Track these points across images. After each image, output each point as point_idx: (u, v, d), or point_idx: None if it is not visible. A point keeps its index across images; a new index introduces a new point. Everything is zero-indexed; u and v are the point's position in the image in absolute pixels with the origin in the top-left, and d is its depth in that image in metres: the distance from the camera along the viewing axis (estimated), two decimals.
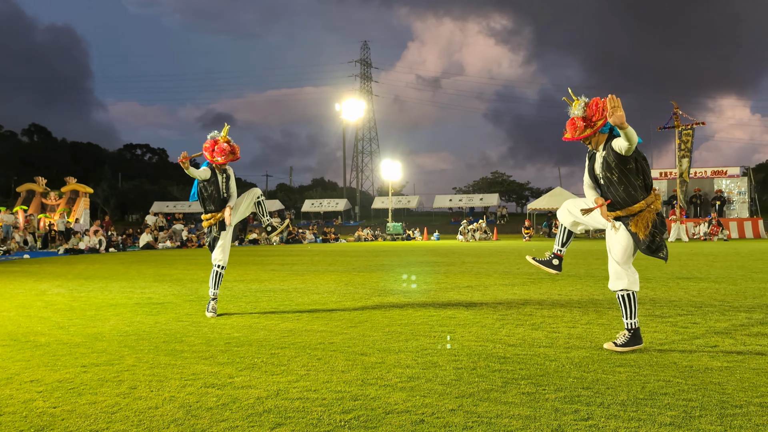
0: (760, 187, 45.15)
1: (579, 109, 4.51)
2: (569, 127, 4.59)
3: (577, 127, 4.52)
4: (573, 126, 4.55)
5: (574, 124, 4.53)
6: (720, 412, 3.04)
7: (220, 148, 6.45)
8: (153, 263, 15.88)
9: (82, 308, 7.20)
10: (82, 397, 3.46)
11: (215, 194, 6.62)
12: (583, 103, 4.52)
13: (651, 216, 4.47)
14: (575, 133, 4.54)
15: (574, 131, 4.54)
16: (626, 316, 4.56)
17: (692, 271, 10.86)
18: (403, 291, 8.48)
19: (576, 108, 4.53)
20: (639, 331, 4.53)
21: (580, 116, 4.50)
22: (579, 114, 4.51)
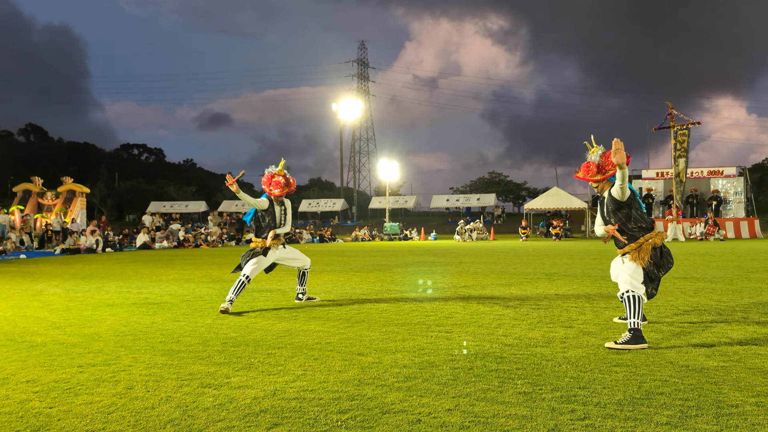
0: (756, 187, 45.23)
1: (596, 156, 5.21)
2: (583, 169, 5.27)
3: (590, 171, 5.23)
4: (587, 169, 5.25)
5: (588, 168, 5.24)
6: (716, 411, 3.05)
7: (276, 181, 7.04)
8: (150, 263, 15.85)
9: (78, 308, 7.19)
10: (79, 398, 3.46)
11: (272, 224, 7.10)
12: (601, 152, 5.20)
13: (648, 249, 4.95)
14: (587, 175, 5.24)
15: (587, 173, 5.24)
16: (629, 315, 4.73)
17: (689, 271, 10.88)
18: (400, 291, 8.48)
19: (593, 154, 5.22)
20: (641, 332, 4.63)
21: (596, 162, 5.18)
22: (595, 160, 5.19)
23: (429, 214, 66.19)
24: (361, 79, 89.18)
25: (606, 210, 5.12)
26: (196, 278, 10.97)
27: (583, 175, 5.22)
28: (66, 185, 30.95)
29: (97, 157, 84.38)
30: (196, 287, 9.38)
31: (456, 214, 59.52)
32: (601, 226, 5.23)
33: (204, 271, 12.80)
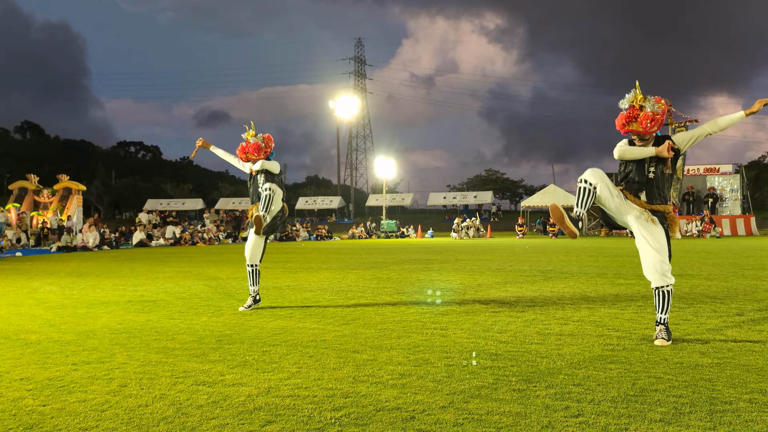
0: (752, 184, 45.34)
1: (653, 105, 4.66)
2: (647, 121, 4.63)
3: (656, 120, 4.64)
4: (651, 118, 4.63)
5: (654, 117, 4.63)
6: (710, 408, 3.05)
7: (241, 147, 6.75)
8: (146, 261, 15.83)
9: (73, 306, 7.17)
10: (72, 395, 3.45)
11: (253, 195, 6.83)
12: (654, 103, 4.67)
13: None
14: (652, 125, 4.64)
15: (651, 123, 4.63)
16: (665, 310, 4.75)
17: (684, 268, 10.89)
18: (396, 289, 8.48)
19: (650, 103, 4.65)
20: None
21: (657, 111, 4.64)
22: (657, 109, 4.64)
23: (426, 211, 66.24)
24: (358, 77, 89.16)
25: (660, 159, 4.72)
26: (192, 276, 10.95)
27: (645, 128, 4.63)
28: (62, 183, 30.90)
29: (93, 154, 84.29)
30: (192, 285, 9.37)
31: (453, 212, 59.59)
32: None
33: (200, 268, 12.79)
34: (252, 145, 6.58)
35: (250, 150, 6.59)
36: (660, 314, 4.74)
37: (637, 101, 4.67)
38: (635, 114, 4.65)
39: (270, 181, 6.61)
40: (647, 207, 4.74)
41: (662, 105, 4.66)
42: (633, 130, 4.68)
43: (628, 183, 4.84)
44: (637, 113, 4.64)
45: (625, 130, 4.73)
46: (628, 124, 4.69)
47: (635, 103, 4.68)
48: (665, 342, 4.57)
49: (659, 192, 4.76)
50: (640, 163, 4.80)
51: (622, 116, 4.72)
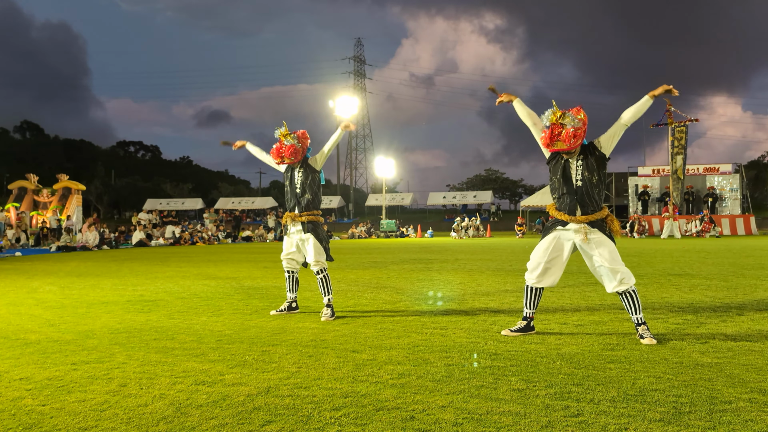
0: (751, 183, 45.36)
1: (573, 120, 4.73)
2: (567, 138, 4.72)
3: (577, 136, 4.72)
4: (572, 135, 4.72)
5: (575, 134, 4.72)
6: (709, 408, 3.05)
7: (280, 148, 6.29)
8: (145, 261, 15.83)
9: (73, 306, 7.17)
10: (72, 395, 3.45)
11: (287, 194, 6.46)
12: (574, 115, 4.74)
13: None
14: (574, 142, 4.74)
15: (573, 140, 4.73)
16: (639, 310, 4.77)
17: (684, 267, 10.89)
18: (395, 289, 8.48)
19: (569, 118, 4.73)
20: None
21: (575, 126, 4.72)
22: (576, 124, 4.72)
23: (426, 211, 66.30)
24: (358, 76, 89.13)
25: (586, 167, 4.81)
26: (191, 275, 10.95)
27: (569, 145, 4.71)
28: (62, 182, 30.89)
29: (93, 154, 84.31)
30: (192, 284, 9.36)
31: (452, 212, 59.61)
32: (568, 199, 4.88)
33: (199, 268, 12.78)
34: (288, 148, 6.17)
35: (286, 153, 6.18)
36: (636, 315, 4.76)
37: (556, 119, 4.76)
38: (558, 132, 4.75)
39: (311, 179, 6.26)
40: (584, 220, 4.81)
41: (581, 116, 4.74)
42: (559, 149, 4.80)
43: (560, 199, 4.95)
44: (559, 131, 4.74)
45: (552, 149, 4.84)
46: (553, 143, 4.79)
47: (555, 121, 4.77)
48: (653, 341, 4.58)
49: (590, 199, 4.83)
50: (565, 173, 4.90)
51: (546, 136, 4.82)
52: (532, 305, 5.04)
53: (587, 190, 4.81)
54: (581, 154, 4.85)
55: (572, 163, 4.87)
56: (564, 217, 4.88)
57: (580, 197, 4.83)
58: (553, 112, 4.77)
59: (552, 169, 5.00)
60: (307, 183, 6.28)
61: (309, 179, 6.28)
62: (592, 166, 4.81)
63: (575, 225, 4.84)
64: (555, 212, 4.99)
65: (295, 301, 6.53)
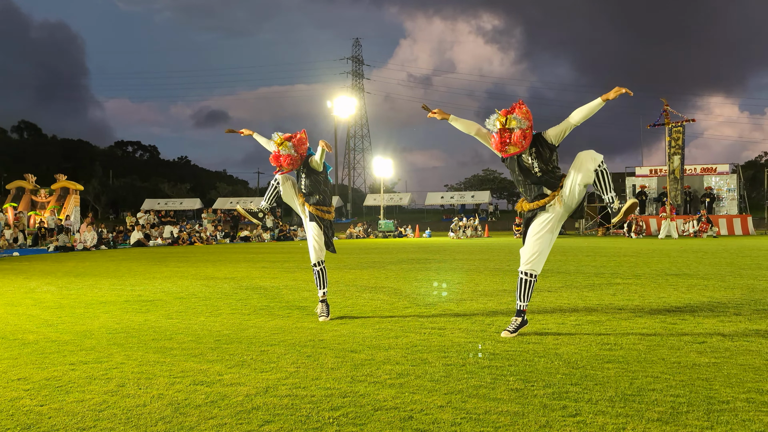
0: (749, 184, 45.41)
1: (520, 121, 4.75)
2: (517, 142, 4.77)
3: (525, 137, 4.79)
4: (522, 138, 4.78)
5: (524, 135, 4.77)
6: (707, 407, 3.06)
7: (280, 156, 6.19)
8: (144, 261, 15.81)
9: (71, 306, 7.16)
10: (70, 395, 3.45)
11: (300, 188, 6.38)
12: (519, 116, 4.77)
13: None
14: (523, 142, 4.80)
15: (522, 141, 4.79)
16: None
17: (681, 267, 10.91)
18: (394, 289, 8.48)
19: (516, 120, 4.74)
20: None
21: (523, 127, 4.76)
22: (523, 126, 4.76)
23: (424, 211, 66.34)
24: (356, 77, 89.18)
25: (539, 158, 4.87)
26: (189, 276, 10.94)
27: (522, 146, 4.78)
28: (60, 182, 30.84)
29: (91, 154, 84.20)
30: (190, 285, 9.36)
31: (451, 211, 59.66)
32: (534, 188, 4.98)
33: (198, 268, 12.78)
34: (285, 158, 6.09)
35: (284, 164, 6.11)
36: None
37: (502, 125, 4.76)
38: (507, 137, 4.77)
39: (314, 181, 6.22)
40: (557, 193, 4.90)
41: (525, 112, 4.75)
42: (512, 153, 4.84)
43: (526, 190, 5.03)
44: (508, 136, 4.76)
45: (506, 155, 4.89)
46: (505, 149, 4.82)
47: (502, 126, 4.77)
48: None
49: (554, 179, 4.91)
50: (522, 167, 4.98)
51: (496, 141, 4.85)
52: (525, 297, 5.06)
53: (548, 175, 4.92)
54: (532, 146, 4.90)
55: (525, 158, 4.94)
56: (539, 203, 4.97)
57: (545, 182, 4.93)
58: (498, 117, 4.79)
59: (509, 166, 5.09)
60: (313, 185, 6.25)
61: (314, 180, 6.24)
62: (544, 155, 4.88)
63: (551, 201, 4.93)
64: (528, 205, 5.07)
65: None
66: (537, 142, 4.90)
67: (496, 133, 4.82)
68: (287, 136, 6.16)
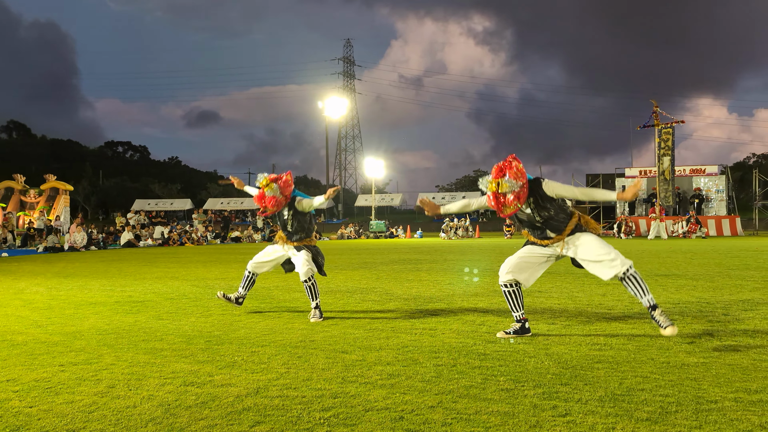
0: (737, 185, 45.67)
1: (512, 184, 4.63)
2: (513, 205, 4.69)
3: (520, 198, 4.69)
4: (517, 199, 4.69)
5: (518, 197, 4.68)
6: (696, 407, 3.08)
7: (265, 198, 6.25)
8: (134, 261, 15.75)
9: (60, 307, 7.13)
10: (59, 397, 3.43)
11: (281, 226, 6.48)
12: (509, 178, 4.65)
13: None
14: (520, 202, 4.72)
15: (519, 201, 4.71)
16: (646, 291, 4.64)
17: (671, 268, 10.98)
18: (385, 289, 8.49)
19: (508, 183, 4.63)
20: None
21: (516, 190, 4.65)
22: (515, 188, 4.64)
23: (415, 212, 66.29)
24: (347, 77, 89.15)
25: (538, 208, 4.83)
26: (180, 276, 10.91)
27: (517, 206, 4.72)
28: (49, 183, 30.69)
29: (80, 154, 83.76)
30: (180, 285, 9.33)
31: None
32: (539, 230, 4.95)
33: (188, 269, 12.74)
34: (269, 200, 6.11)
35: (269, 205, 6.13)
36: (645, 297, 4.65)
37: (495, 190, 4.67)
38: (503, 201, 4.69)
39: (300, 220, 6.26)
40: (561, 238, 4.88)
41: (516, 170, 4.65)
42: (510, 213, 4.76)
43: (531, 231, 5.01)
44: (503, 199, 4.68)
45: (504, 215, 4.80)
46: (502, 211, 4.75)
47: (494, 190, 4.68)
48: (674, 329, 4.50)
49: (557, 221, 4.85)
50: (525, 219, 4.94)
51: (493, 205, 4.77)
52: (517, 307, 5.02)
53: (550, 220, 4.85)
54: (530, 197, 4.79)
55: (524, 210, 4.87)
56: (543, 242, 4.97)
57: (548, 226, 4.89)
58: (490, 182, 4.70)
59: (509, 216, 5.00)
60: (298, 224, 6.27)
61: (299, 220, 6.27)
62: (543, 203, 4.79)
63: (555, 243, 4.93)
64: (532, 238, 5.06)
65: (244, 297, 6.60)
66: (535, 192, 4.77)
67: (491, 195, 4.74)
68: (273, 177, 6.18)
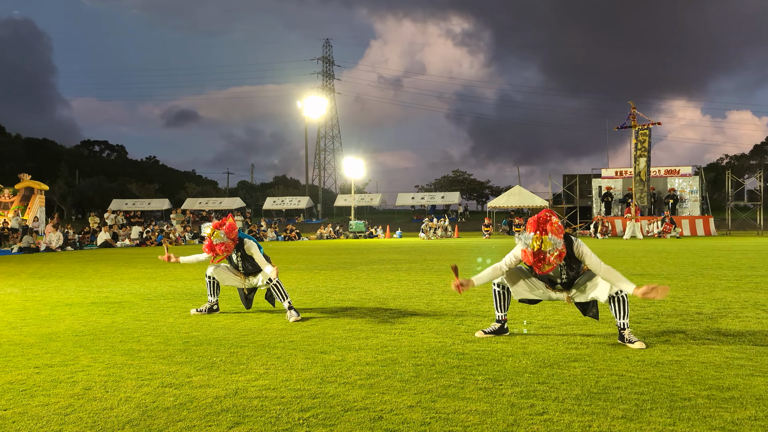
0: (710, 186, 46.41)
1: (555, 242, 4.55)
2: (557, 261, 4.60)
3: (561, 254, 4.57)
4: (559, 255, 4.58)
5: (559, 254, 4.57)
6: (670, 404, 3.13)
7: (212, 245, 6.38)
8: (111, 262, 15.58)
9: (36, 308, 7.03)
10: (35, 399, 3.39)
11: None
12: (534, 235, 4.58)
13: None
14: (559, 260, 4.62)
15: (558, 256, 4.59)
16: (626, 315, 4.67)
17: (646, 267, 11.12)
18: (364, 289, 8.49)
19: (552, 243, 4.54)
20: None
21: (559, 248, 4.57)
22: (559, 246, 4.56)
23: (394, 212, 66.47)
24: (326, 77, 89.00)
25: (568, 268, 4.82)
26: (158, 276, 10.82)
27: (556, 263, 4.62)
28: (24, 182, 30.23)
29: (56, 153, 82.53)
30: (158, 285, 9.25)
31: (421, 212, 59.85)
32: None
33: (166, 269, 12.63)
34: (219, 246, 6.26)
35: (219, 251, 6.28)
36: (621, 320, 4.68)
37: (538, 247, 4.55)
38: (542, 257, 4.58)
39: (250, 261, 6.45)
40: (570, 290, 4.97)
41: (557, 229, 4.57)
42: (548, 271, 4.67)
43: (539, 278, 5.01)
44: (544, 257, 4.57)
45: (542, 272, 4.70)
46: (541, 268, 4.63)
47: (537, 248, 4.56)
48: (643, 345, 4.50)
49: (575, 276, 4.89)
50: (547, 278, 4.97)
51: (531, 258, 4.61)
52: (502, 308, 5.04)
53: (574, 278, 4.91)
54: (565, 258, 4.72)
55: (556, 270, 4.84)
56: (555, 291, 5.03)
57: (568, 285, 4.96)
58: (533, 239, 4.57)
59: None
60: (249, 265, 6.47)
61: (251, 263, 6.44)
62: (572, 263, 4.76)
63: (560, 293, 5.02)
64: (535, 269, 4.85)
65: (217, 304, 6.62)
66: (569, 251, 4.71)
67: (531, 252, 4.60)
68: (216, 224, 6.36)
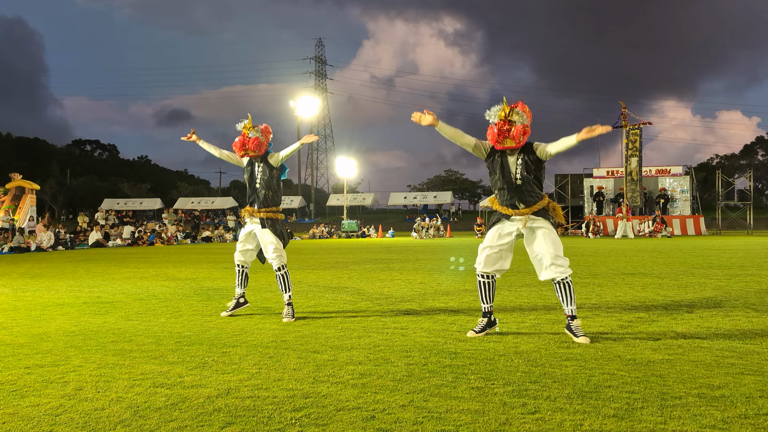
0: (701, 185, 46.67)
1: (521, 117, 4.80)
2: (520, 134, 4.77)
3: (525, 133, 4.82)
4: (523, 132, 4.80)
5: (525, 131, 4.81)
6: (661, 403, 3.15)
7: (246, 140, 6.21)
8: (102, 261, 15.51)
9: (26, 308, 7.00)
10: (25, 400, 3.38)
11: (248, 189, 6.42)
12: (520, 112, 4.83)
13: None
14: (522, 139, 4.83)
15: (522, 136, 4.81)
16: (572, 301, 4.86)
17: (636, 266, 11.16)
18: (356, 289, 8.49)
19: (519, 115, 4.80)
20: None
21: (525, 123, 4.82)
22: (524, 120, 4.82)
23: (387, 211, 66.47)
24: (319, 77, 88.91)
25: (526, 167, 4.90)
26: (149, 276, 10.78)
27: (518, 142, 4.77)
28: (15, 182, 30.02)
29: (47, 152, 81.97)
30: (150, 285, 9.22)
31: (413, 212, 59.90)
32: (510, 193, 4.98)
33: (158, 269, 12.59)
34: (252, 140, 6.10)
35: (251, 146, 6.11)
36: (569, 307, 4.85)
37: (505, 115, 4.77)
38: (507, 129, 4.76)
39: (269, 175, 6.23)
40: (527, 212, 4.95)
41: (527, 112, 4.81)
42: (507, 147, 4.83)
43: (500, 193, 5.06)
44: (508, 128, 4.76)
45: (500, 147, 4.86)
46: (502, 141, 4.80)
47: (504, 117, 4.78)
48: (587, 339, 4.66)
49: (531, 193, 4.94)
50: (504, 170, 4.97)
51: (493, 132, 4.82)
52: (488, 299, 5.10)
53: (527, 186, 4.92)
54: (521, 152, 4.92)
55: (511, 161, 4.94)
56: (507, 210, 5.01)
57: (520, 193, 4.94)
58: (503, 108, 4.81)
59: (490, 166, 5.06)
60: (266, 180, 6.24)
61: (268, 176, 6.25)
62: (530, 165, 4.89)
63: (518, 217, 4.98)
64: (498, 206, 5.11)
65: (244, 296, 6.49)
66: (525, 150, 4.90)
67: (496, 124, 4.79)
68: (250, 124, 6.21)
